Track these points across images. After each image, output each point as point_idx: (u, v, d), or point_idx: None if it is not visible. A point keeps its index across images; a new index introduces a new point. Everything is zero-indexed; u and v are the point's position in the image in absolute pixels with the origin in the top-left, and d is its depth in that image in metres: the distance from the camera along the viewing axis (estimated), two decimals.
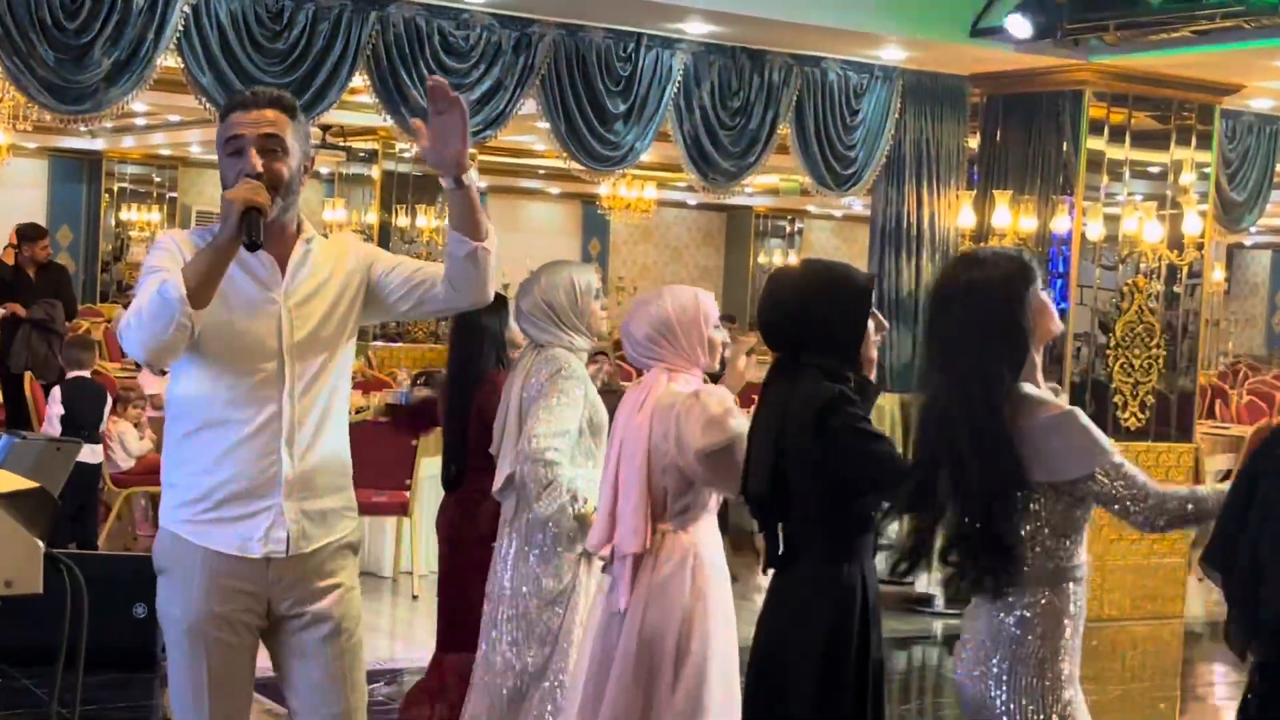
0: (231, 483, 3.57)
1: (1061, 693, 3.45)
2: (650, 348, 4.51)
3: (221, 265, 3.44)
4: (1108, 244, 10.05)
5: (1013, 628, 3.44)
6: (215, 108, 8.34)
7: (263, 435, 3.58)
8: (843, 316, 3.94)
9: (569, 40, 9.17)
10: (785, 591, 3.93)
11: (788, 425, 3.85)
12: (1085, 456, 3.41)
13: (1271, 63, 9.44)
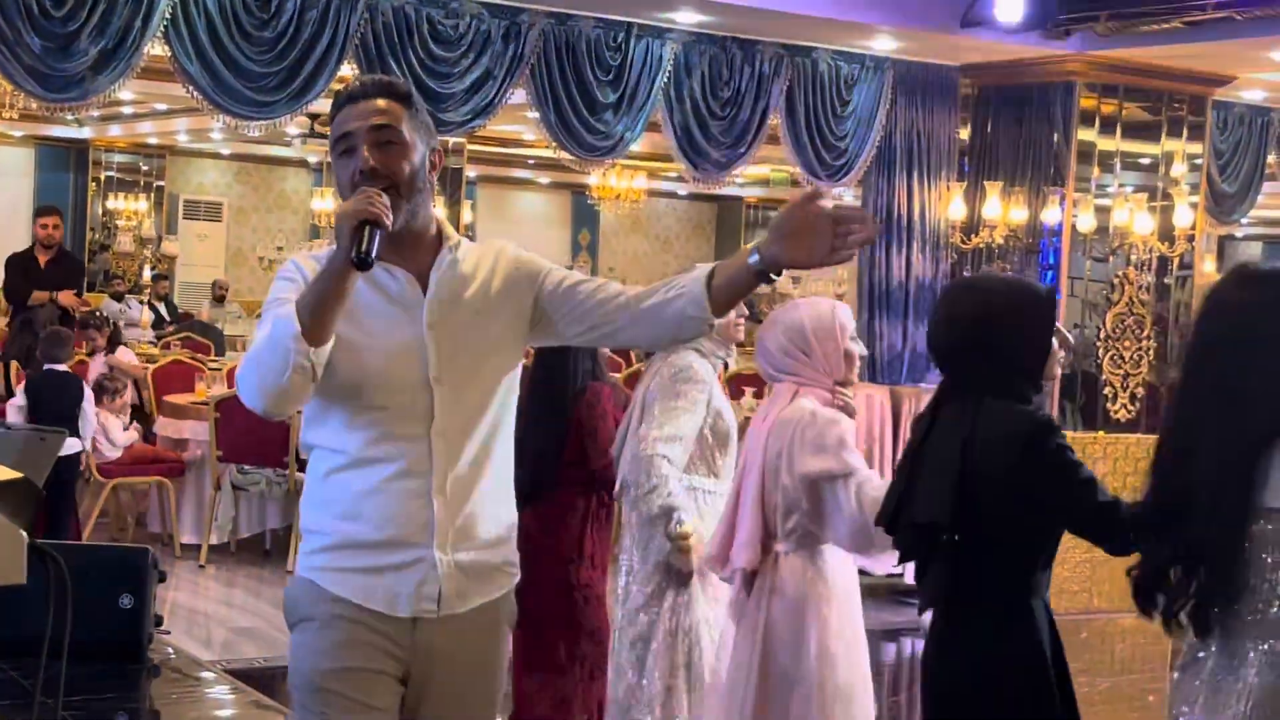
0: (376, 529, 3.11)
1: None
2: (784, 360, 4.39)
3: (337, 293, 2.92)
4: (1098, 236, 10.07)
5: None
6: (202, 96, 8.35)
7: (411, 477, 3.10)
8: (1029, 335, 3.70)
9: (558, 29, 9.16)
10: (972, 626, 3.67)
11: (981, 452, 3.58)
12: None
13: (1263, 54, 9.45)
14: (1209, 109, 10.57)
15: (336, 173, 3.13)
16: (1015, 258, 10.23)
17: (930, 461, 3.68)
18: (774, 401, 4.38)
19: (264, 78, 8.44)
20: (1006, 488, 3.55)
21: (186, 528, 9.83)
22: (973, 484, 3.56)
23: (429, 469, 3.11)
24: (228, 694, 6.31)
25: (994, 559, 3.63)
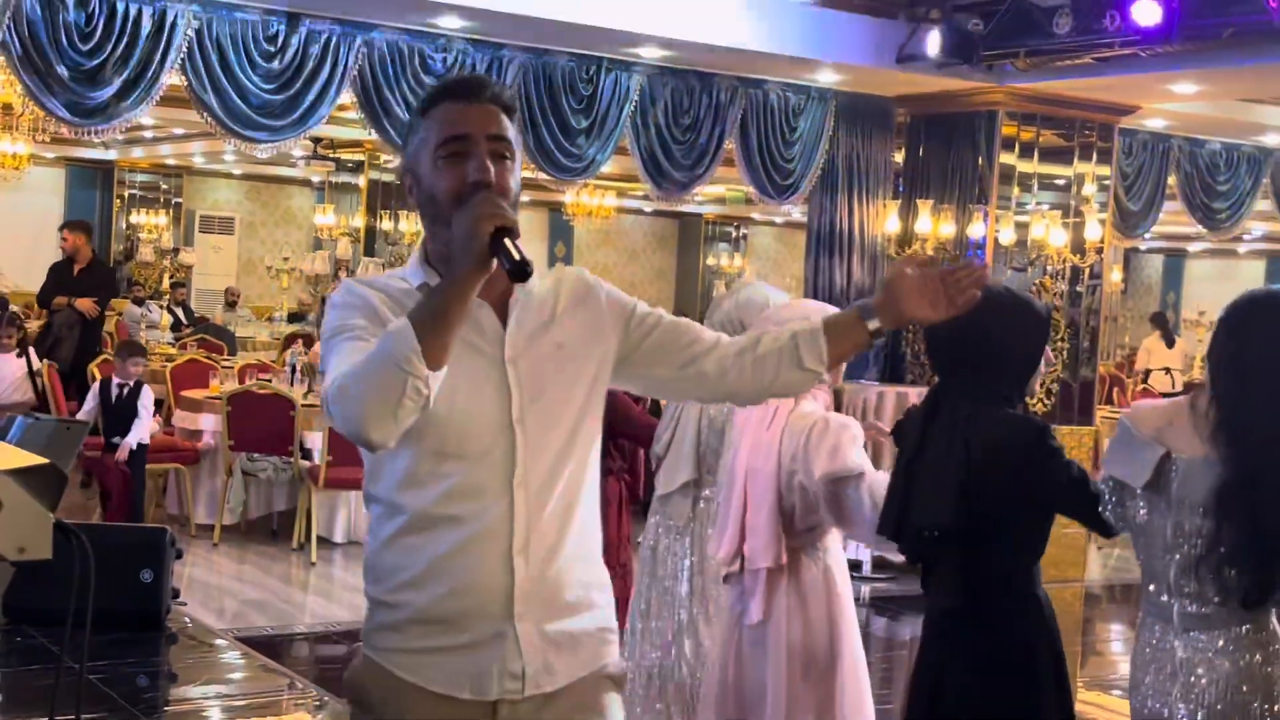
0: (452, 601, 2.47)
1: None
2: None
3: (461, 311, 2.32)
4: (1018, 248, 10.11)
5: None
6: (215, 122, 8.33)
7: (489, 538, 2.46)
8: (1024, 345, 3.54)
9: (536, 63, 9.16)
10: (985, 624, 3.52)
11: (983, 458, 3.43)
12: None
13: (1164, 87, 9.50)
14: (1116, 136, 10.62)
15: (432, 176, 2.47)
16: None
17: (930, 467, 3.51)
18: (774, 404, 4.02)
19: (271, 105, 8.43)
20: (1010, 491, 3.42)
21: (201, 510, 9.81)
22: (976, 488, 3.42)
23: (509, 527, 2.47)
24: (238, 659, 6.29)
25: (1001, 559, 3.51)
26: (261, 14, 8.35)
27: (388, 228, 16.98)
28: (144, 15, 7.99)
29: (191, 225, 22.85)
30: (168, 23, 8.06)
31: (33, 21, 7.73)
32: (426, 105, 2.54)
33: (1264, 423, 3.02)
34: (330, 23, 8.51)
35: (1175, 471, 3.15)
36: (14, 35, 7.70)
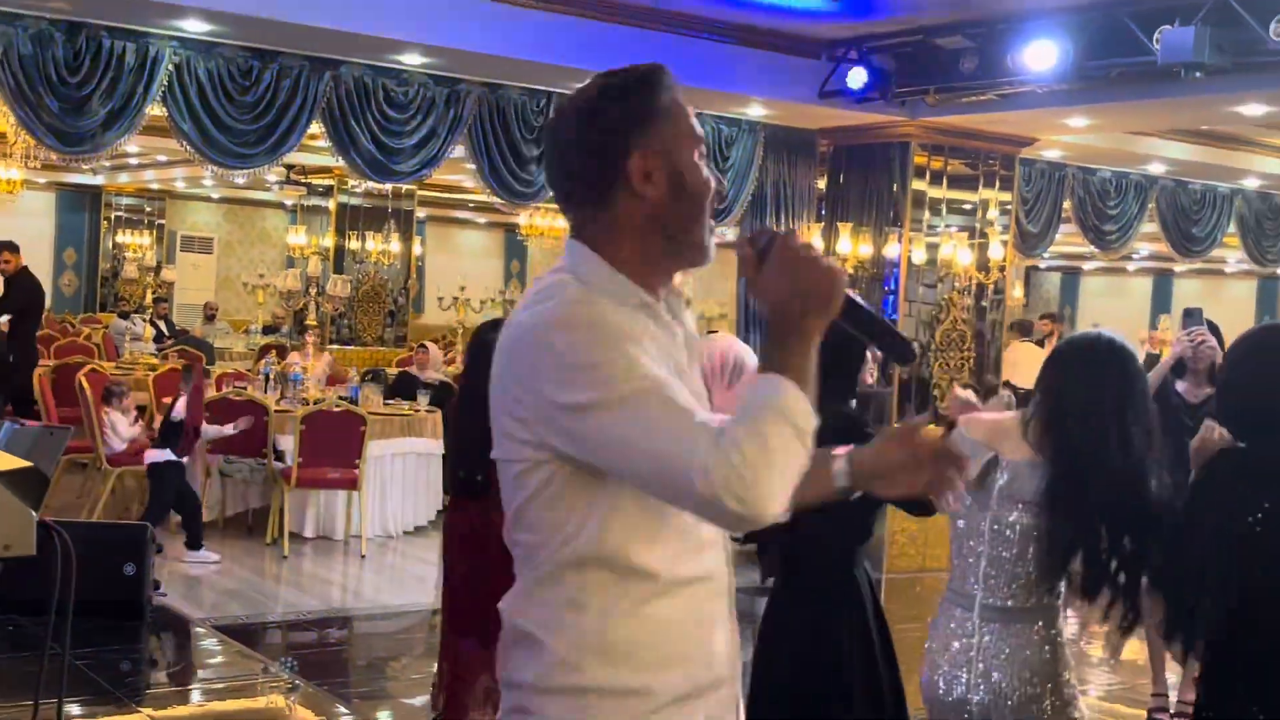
0: (705, 670, 2.00)
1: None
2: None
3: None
4: (929, 266, 10.17)
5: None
6: (194, 150, 8.28)
7: (719, 594, 2.05)
8: (849, 349, 3.61)
9: (491, 96, 9.15)
10: (807, 596, 3.57)
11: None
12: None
13: (1059, 121, 9.60)
14: (1017, 165, 10.71)
15: (695, 171, 2.05)
16: (863, 285, 10.32)
17: None
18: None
19: (246, 135, 8.37)
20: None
21: None
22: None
23: (726, 579, 2.07)
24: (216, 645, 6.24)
25: (822, 540, 3.54)
26: (237, 51, 8.30)
27: (355, 246, 16.91)
28: (128, 51, 7.93)
29: (173, 245, 22.69)
30: (150, 58, 8.00)
31: (24, 57, 7.66)
32: (657, 91, 2.05)
33: (1078, 437, 3.10)
34: (301, 59, 8.47)
35: (1002, 472, 3.21)
36: (6, 70, 7.63)
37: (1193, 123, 10.38)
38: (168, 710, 4.72)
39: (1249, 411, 2.90)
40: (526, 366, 1.92)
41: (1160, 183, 12.30)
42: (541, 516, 1.94)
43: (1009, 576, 3.16)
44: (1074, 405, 3.14)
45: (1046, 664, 3.14)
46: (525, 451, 1.93)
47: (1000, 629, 3.16)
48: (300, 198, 18.12)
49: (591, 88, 2.06)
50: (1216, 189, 12.68)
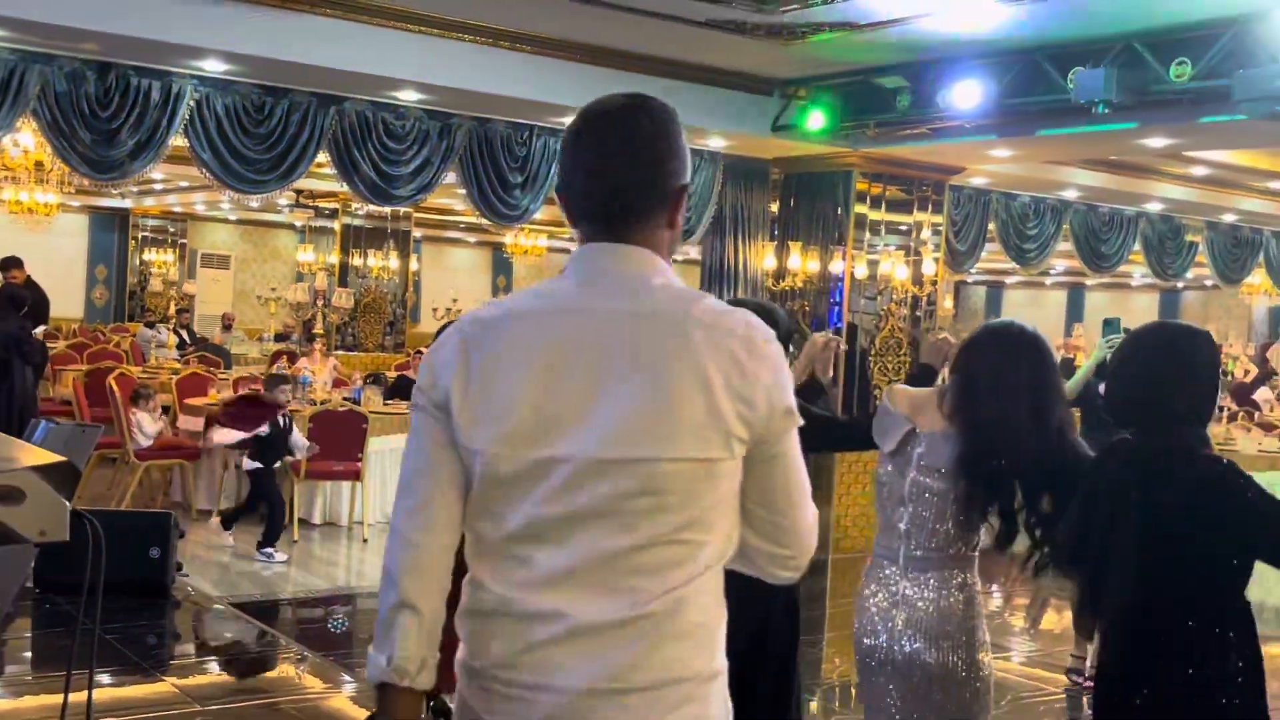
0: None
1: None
2: None
3: None
4: (870, 281, 10.21)
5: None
6: (213, 177, 8.24)
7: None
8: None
9: (480, 129, 9.13)
10: (729, 577, 3.57)
11: None
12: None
13: (985, 152, 9.65)
14: (947, 191, 10.75)
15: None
16: (811, 297, 10.34)
17: None
18: None
19: (259, 163, 8.33)
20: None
21: (201, 497, 9.65)
22: None
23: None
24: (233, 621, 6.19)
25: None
26: (251, 88, 8.26)
27: (357, 263, 16.85)
28: (154, 89, 7.88)
29: (194, 262, 22.55)
30: (173, 95, 7.95)
31: (60, 94, 7.61)
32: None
33: (988, 409, 3.10)
34: (309, 95, 8.44)
35: (920, 442, 3.21)
36: (44, 105, 7.59)
37: (1102, 153, 10.45)
38: (189, 680, 4.69)
39: (1134, 404, 2.85)
40: (766, 369, 1.81)
41: (1074, 206, 12.37)
42: (719, 514, 1.82)
43: (928, 533, 3.15)
44: (985, 380, 3.12)
45: (961, 612, 3.13)
46: (738, 450, 1.81)
47: (919, 579, 3.15)
48: (308, 219, 18.04)
49: (665, 110, 1.90)
50: (1123, 212, 12.77)
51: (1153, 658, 2.73)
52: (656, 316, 1.81)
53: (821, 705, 5.89)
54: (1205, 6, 6.73)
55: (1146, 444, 2.80)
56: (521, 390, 1.80)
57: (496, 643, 1.80)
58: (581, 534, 1.77)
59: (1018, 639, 7.36)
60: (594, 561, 1.76)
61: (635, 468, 1.76)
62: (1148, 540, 2.71)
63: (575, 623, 1.76)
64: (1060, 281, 26.29)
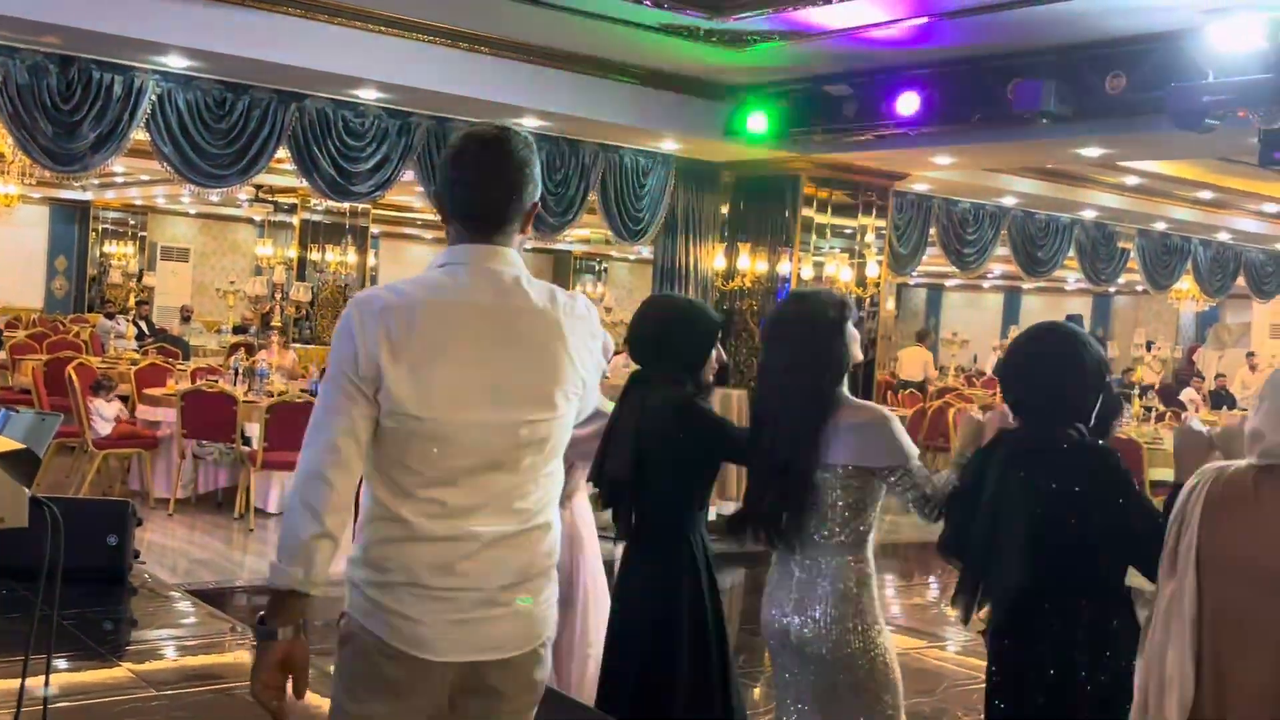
0: None
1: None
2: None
3: None
4: (815, 282, 10.25)
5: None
6: (174, 171, 8.14)
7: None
8: (692, 343, 3.55)
9: (438, 128, 9.08)
10: (648, 556, 3.53)
11: (649, 422, 3.44)
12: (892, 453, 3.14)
13: (927, 159, 9.73)
14: (890, 196, 10.83)
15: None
16: (759, 297, 10.38)
17: (618, 430, 3.54)
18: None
19: (220, 158, 8.24)
20: (666, 448, 3.45)
21: (159, 486, 9.53)
22: (644, 448, 3.46)
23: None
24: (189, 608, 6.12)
25: (662, 506, 3.51)
26: (213, 84, 8.17)
27: (315, 258, 16.72)
28: (116, 83, 7.78)
29: (154, 254, 22.27)
30: (135, 89, 7.85)
31: (21, 86, 7.49)
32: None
33: (773, 378, 3.24)
34: (270, 92, 8.36)
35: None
36: (5, 97, 7.47)
37: (1039, 162, 10.58)
38: (146, 665, 4.63)
39: (1023, 397, 2.90)
40: (598, 344, 2.44)
41: (1011, 213, 12.50)
42: (563, 451, 2.41)
43: (823, 519, 3.18)
44: (771, 364, 3.28)
45: (853, 592, 3.17)
46: (578, 403, 2.42)
47: (816, 563, 3.19)
48: (268, 214, 17.88)
49: (528, 142, 2.36)
50: (1059, 219, 12.92)
51: (1038, 643, 2.78)
52: (533, 306, 2.30)
53: (765, 693, 5.92)
54: (1140, 22, 6.83)
55: (1034, 434, 2.84)
56: (438, 366, 2.22)
57: (430, 560, 2.26)
58: (483, 478, 2.26)
59: (952, 628, 7.43)
60: (493, 497, 2.27)
61: (524, 426, 2.28)
62: (1033, 527, 2.76)
63: (485, 540, 2.27)
64: (997, 285, 26.56)
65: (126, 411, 9.65)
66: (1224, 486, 2.38)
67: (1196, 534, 2.39)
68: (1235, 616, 2.33)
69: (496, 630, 2.30)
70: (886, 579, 9.19)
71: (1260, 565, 2.29)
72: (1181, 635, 2.38)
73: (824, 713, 3.25)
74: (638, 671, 3.51)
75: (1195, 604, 2.37)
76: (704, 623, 3.54)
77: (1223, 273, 14.95)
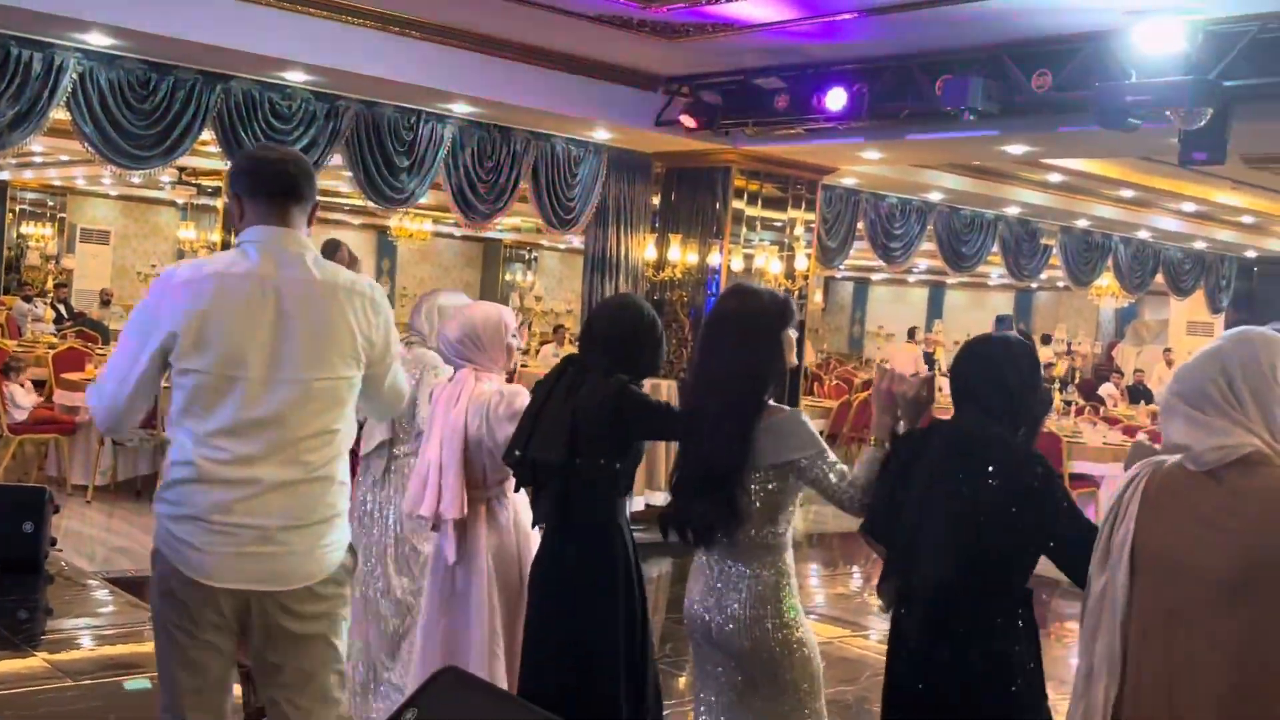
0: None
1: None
2: (461, 348, 3.99)
3: None
4: (745, 274, 10.30)
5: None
6: (95, 151, 7.95)
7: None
8: (634, 339, 3.57)
9: (367, 112, 8.98)
10: (576, 539, 3.54)
11: (584, 407, 3.46)
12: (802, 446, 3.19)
13: (855, 153, 9.81)
14: (819, 189, 10.91)
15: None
16: (689, 288, 10.41)
17: (549, 415, 3.55)
18: (461, 383, 3.97)
19: (143, 139, 8.07)
20: (600, 436, 3.47)
21: (76, 472, 9.34)
22: (578, 432, 3.48)
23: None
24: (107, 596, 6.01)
25: (592, 488, 3.52)
26: (137, 63, 8.00)
27: None
28: (35, 60, 7.58)
29: (74, 236, 21.77)
30: (55, 67, 7.65)
31: None
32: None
33: (710, 382, 3.26)
34: (195, 73, 8.20)
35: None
36: None
37: (966, 158, 10.71)
38: (62, 654, 4.53)
39: (961, 396, 2.96)
40: (381, 319, 2.92)
41: (937, 208, 12.64)
42: (349, 412, 2.87)
43: (744, 522, 3.21)
44: (700, 366, 3.35)
45: (770, 589, 3.21)
46: (360, 371, 2.90)
47: (736, 561, 3.23)
48: (191, 197, 17.54)
49: (308, 161, 3.02)
50: (984, 215, 13.10)
51: (951, 631, 2.83)
52: (319, 281, 2.79)
53: (689, 683, 5.95)
54: (1066, 21, 6.94)
55: (968, 431, 2.90)
56: (231, 331, 2.67)
57: (214, 499, 2.67)
58: (266, 430, 2.68)
59: (874, 617, 7.52)
60: (275, 448, 2.68)
61: (306, 384, 2.72)
62: (955, 519, 2.81)
63: (268, 484, 2.67)
64: (923, 279, 26.88)
65: (43, 401, 9.44)
66: (1160, 483, 2.41)
67: (1133, 529, 2.41)
68: (1188, 620, 2.32)
69: (273, 566, 2.69)
70: (810, 569, 9.27)
71: (1204, 567, 2.30)
72: (1112, 628, 2.41)
73: (745, 704, 3.29)
74: (570, 659, 3.50)
75: (1126, 597, 2.40)
76: (635, 608, 3.56)
77: (1142, 270, 15.26)
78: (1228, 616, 2.26)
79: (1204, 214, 13.76)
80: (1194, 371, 2.39)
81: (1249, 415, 2.32)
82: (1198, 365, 2.40)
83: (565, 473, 3.51)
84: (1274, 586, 2.23)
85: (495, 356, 4.03)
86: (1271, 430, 2.32)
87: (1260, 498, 2.27)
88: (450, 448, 3.89)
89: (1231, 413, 2.32)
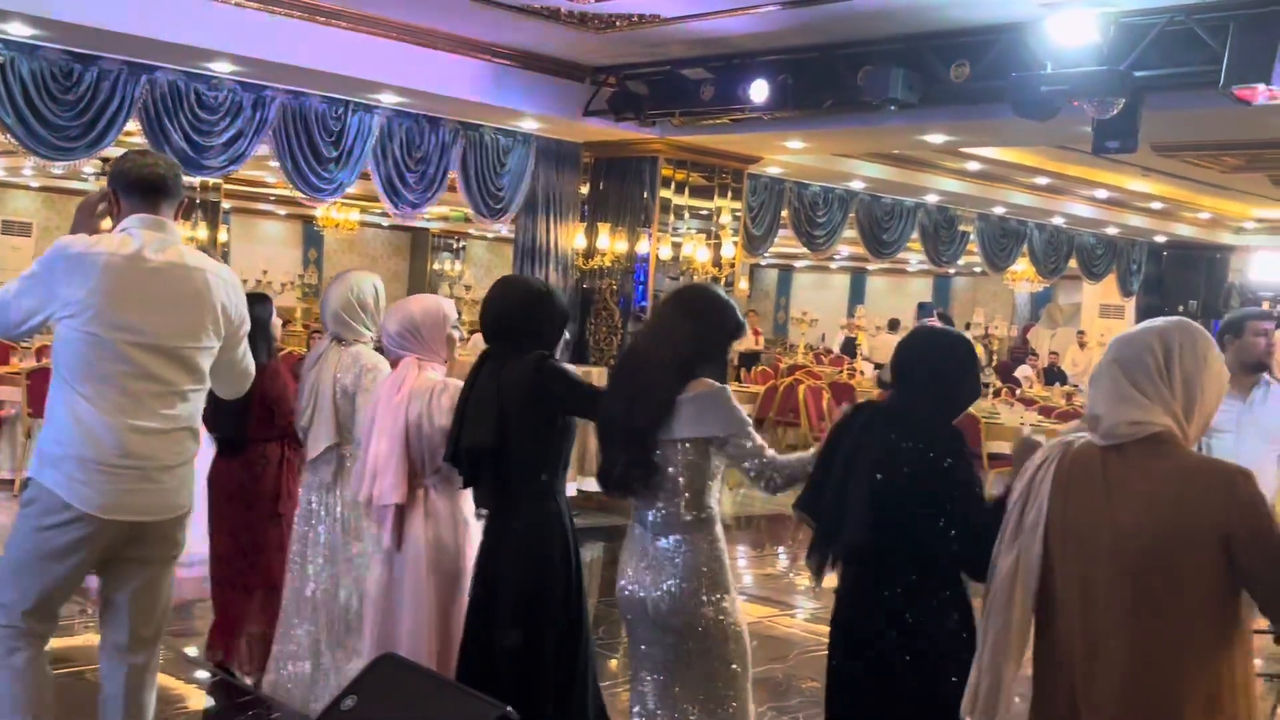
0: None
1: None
2: (401, 340, 3.98)
3: None
4: (673, 262, 10.35)
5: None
6: (17, 142, 7.75)
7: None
8: (550, 325, 3.66)
9: (294, 103, 8.86)
10: (518, 520, 3.55)
11: (507, 388, 3.51)
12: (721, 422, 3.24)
13: (780, 143, 9.87)
14: (745, 179, 10.96)
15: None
16: (618, 276, 10.41)
17: (477, 401, 3.58)
18: (403, 373, 3.95)
19: (67, 130, 7.89)
20: (528, 404, 3.51)
21: (3, 466, 9.13)
22: (505, 415, 3.51)
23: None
24: None
25: (524, 471, 3.55)
26: (60, 54, 7.81)
27: None
28: None
29: None
30: None
31: None
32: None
33: (648, 347, 3.35)
34: (120, 63, 8.03)
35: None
36: None
37: (887, 148, 10.83)
38: None
39: (897, 378, 3.04)
40: (239, 297, 3.56)
41: (859, 196, 12.77)
42: (206, 374, 3.52)
43: (669, 495, 3.27)
44: (640, 348, 3.44)
45: (704, 564, 3.26)
46: (219, 342, 3.52)
47: (667, 538, 3.28)
48: None
49: (178, 165, 3.58)
50: (904, 203, 13.25)
51: (880, 602, 2.88)
52: (191, 266, 3.40)
53: (622, 664, 5.97)
54: (983, 13, 7.04)
55: (893, 406, 2.98)
56: (118, 304, 3.25)
57: (104, 444, 3.24)
58: (139, 384, 3.29)
59: (801, 596, 7.60)
60: (149, 399, 3.29)
61: (177, 350, 3.35)
62: (879, 491, 2.86)
63: (142, 431, 3.28)
64: (845, 266, 27.13)
65: None
66: (1072, 463, 2.44)
67: (1045, 509, 2.44)
68: (1096, 596, 2.36)
69: (148, 500, 3.32)
70: (739, 550, 9.35)
71: (1113, 546, 2.34)
72: (1025, 605, 2.45)
73: (677, 681, 3.32)
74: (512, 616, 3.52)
75: (1039, 573, 2.44)
76: (573, 584, 3.58)
77: (1056, 255, 15.55)
78: (1133, 593, 2.30)
79: (1116, 200, 14.05)
80: (1135, 340, 2.42)
81: (1174, 392, 2.36)
82: (1140, 335, 2.43)
83: (499, 455, 3.54)
84: (1179, 566, 2.27)
85: (436, 348, 4.02)
86: (1188, 414, 2.37)
87: (1174, 479, 2.31)
88: (391, 435, 3.88)
89: (1160, 385, 2.36)
